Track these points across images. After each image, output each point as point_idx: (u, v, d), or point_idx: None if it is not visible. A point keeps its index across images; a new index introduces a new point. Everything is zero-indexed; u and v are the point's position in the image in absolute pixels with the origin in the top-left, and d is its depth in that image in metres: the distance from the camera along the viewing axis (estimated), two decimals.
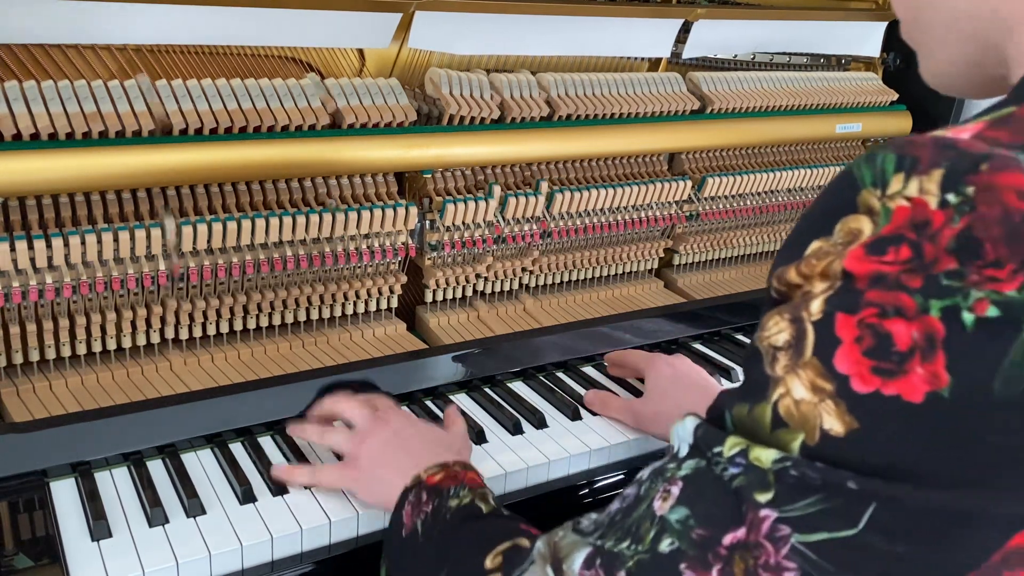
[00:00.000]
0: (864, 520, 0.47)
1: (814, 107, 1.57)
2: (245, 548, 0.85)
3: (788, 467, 0.49)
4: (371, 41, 1.17)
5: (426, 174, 1.22)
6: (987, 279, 0.44)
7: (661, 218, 1.42)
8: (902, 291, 0.46)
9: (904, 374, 0.46)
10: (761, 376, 0.52)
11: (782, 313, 0.51)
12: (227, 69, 1.13)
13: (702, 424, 0.56)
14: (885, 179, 0.47)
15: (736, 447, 0.52)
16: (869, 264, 0.47)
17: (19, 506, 0.87)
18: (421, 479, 0.82)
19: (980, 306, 0.44)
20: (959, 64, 0.60)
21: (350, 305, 1.21)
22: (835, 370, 0.48)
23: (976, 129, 0.49)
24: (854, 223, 0.48)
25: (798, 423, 0.49)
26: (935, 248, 0.45)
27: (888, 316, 0.46)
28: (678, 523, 0.53)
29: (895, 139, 0.49)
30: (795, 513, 0.49)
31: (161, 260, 1.02)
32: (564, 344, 1.26)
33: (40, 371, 1.03)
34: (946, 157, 0.46)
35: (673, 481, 0.55)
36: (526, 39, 1.28)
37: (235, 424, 1.01)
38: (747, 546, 0.50)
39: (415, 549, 0.76)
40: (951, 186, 0.45)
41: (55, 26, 0.96)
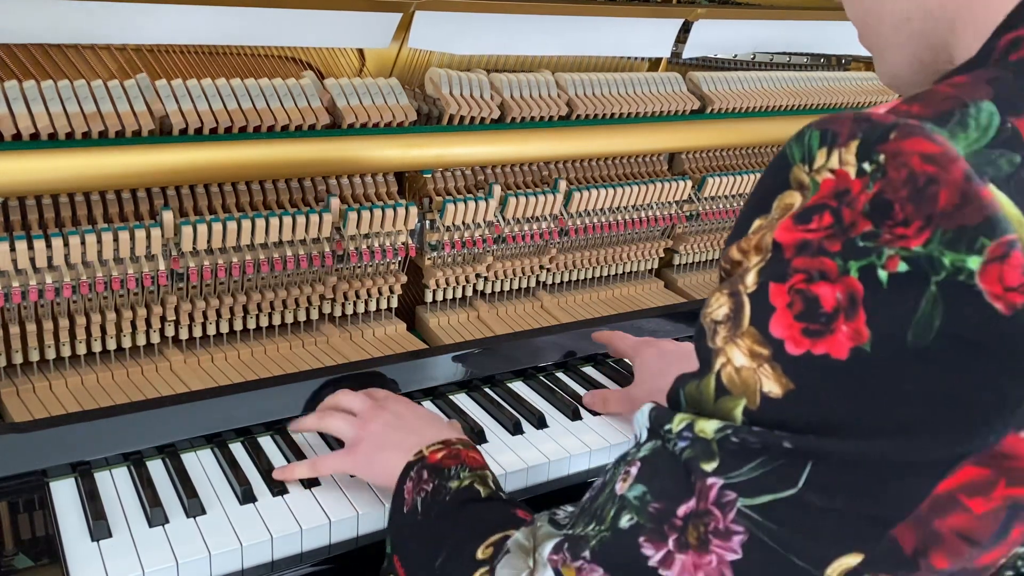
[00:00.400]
0: (803, 479, 0.50)
1: (814, 107, 1.57)
2: (245, 548, 0.85)
3: (729, 435, 0.52)
4: (371, 41, 1.17)
5: (426, 174, 1.22)
6: (897, 237, 0.47)
7: (661, 218, 1.42)
8: (825, 255, 0.49)
9: (831, 333, 0.48)
10: (705, 351, 0.55)
11: (722, 289, 0.54)
12: (227, 69, 1.13)
13: (655, 407, 0.59)
14: (812, 154, 0.51)
15: (683, 422, 0.55)
16: (795, 233, 0.50)
17: (19, 506, 0.87)
18: (423, 455, 0.83)
19: (892, 263, 0.47)
20: (912, 64, 0.63)
21: (350, 305, 1.21)
22: (771, 335, 0.50)
23: (892, 105, 0.52)
24: (788, 199, 0.52)
25: (740, 389, 0.52)
26: (852, 212, 0.48)
27: (814, 280, 0.49)
28: (636, 499, 0.56)
29: (820, 118, 0.52)
30: (739, 478, 0.51)
31: (161, 260, 1.02)
32: (564, 344, 1.26)
33: (40, 371, 1.03)
34: (861, 129, 0.49)
35: (632, 463, 0.58)
36: (526, 39, 1.28)
37: (235, 424, 1.01)
38: (698, 514, 0.53)
39: (414, 527, 0.77)
40: (865, 155, 0.48)
41: (55, 26, 0.96)
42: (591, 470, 1.07)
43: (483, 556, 0.66)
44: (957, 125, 0.48)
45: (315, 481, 0.94)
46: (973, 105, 0.49)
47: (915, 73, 0.63)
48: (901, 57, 0.63)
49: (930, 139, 0.47)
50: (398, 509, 0.81)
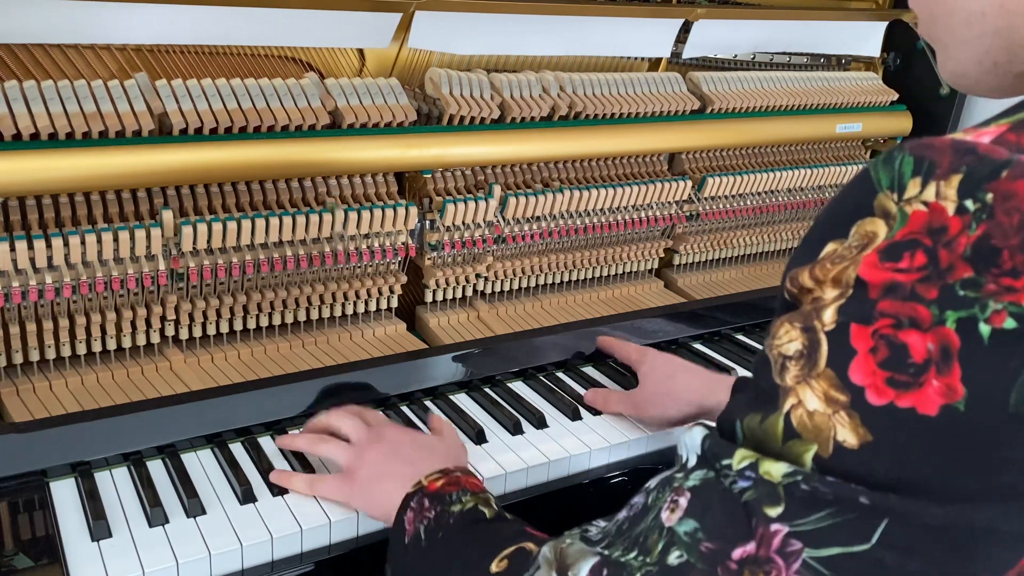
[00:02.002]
0: (877, 535, 0.47)
1: (814, 107, 1.57)
2: (245, 548, 0.85)
3: (799, 481, 0.48)
4: (371, 41, 1.17)
5: (426, 174, 1.22)
6: (1004, 289, 0.43)
7: (661, 218, 1.42)
8: (917, 301, 0.45)
9: (919, 386, 0.45)
10: (771, 386, 0.51)
11: (793, 321, 0.51)
12: (227, 69, 1.13)
13: (710, 435, 0.56)
14: (903, 182, 0.47)
15: (745, 460, 0.51)
16: (883, 272, 0.46)
17: (19, 506, 0.87)
18: (423, 485, 0.81)
19: (997, 318, 0.43)
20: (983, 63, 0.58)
21: (350, 305, 1.21)
22: (850, 381, 0.47)
23: (997, 133, 0.48)
24: (870, 226, 0.48)
25: (811, 434, 0.49)
26: (951, 255, 0.44)
27: (903, 327, 0.45)
28: (687, 536, 0.52)
29: (914, 141, 0.48)
30: (807, 527, 0.48)
31: (161, 260, 1.02)
32: (564, 344, 1.26)
33: (40, 371, 1.03)
34: (965, 162, 0.45)
35: (681, 492, 0.54)
36: (526, 39, 1.28)
37: (235, 424, 1.01)
38: (757, 560, 0.49)
39: (418, 554, 0.75)
40: (969, 192, 0.44)
41: (55, 26, 0.96)
42: (591, 470, 1.07)
43: (498, 569, 0.64)
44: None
45: None
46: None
47: (986, 73, 0.58)
48: (971, 55, 0.58)
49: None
50: (398, 541, 0.79)
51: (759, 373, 0.53)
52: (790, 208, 1.59)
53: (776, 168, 1.54)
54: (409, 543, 0.77)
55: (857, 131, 1.61)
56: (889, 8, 1.71)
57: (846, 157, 1.68)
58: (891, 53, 1.75)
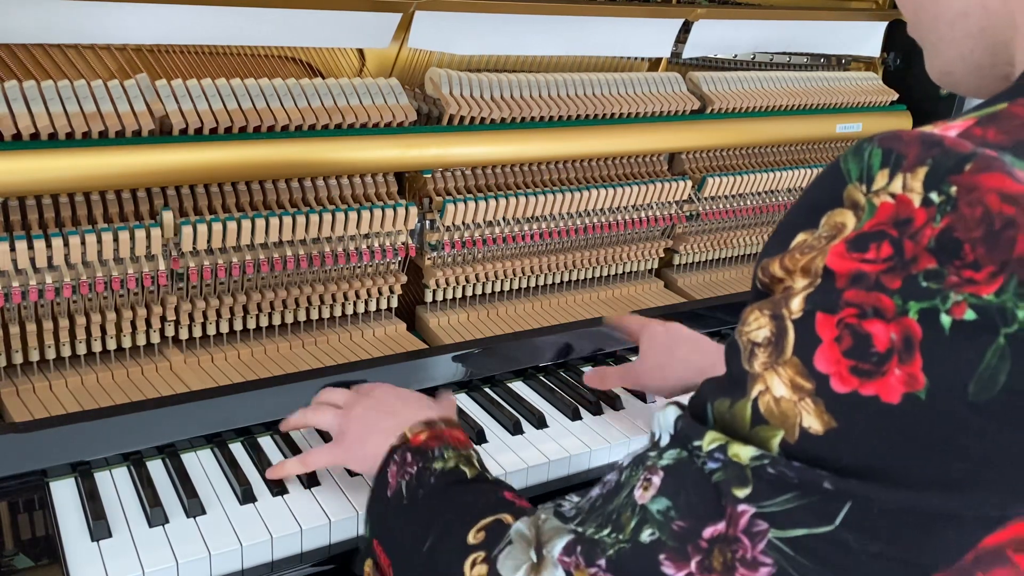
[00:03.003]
0: (840, 517, 0.48)
1: (814, 107, 1.57)
2: (245, 548, 0.85)
3: (766, 464, 0.50)
4: (371, 41, 1.17)
5: (426, 174, 1.22)
6: (965, 281, 0.44)
7: (661, 218, 1.42)
8: (881, 292, 0.46)
9: (882, 375, 0.46)
10: (740, 371, 0.52)
11: (762, 309, 0.52)
12: (227, 69, 1.13)
13: (682, 416, 0.57)
14: (871, 174, 0.48)
15: (715, 442, 0.52)
16: (850, 262, 0.47)
17: (19, 506, 0.87)
18: (406, 438, 0.81)
19: (958, 309, 0.44)
20: (967, 62, 0.59)
21: (350, 305, 1.21)
22: (815, 369, 0.48)
23: (963, 126, 0.49)
24: (839, 217, 0.49)
25: (778, 420, 0.50)
26: (915, 246, 0.45)
27: (867, 317, 0.46)
28: (659, 514, 0.53)
29: (882, 133, 0.49)
30: (772, 509, 0.49)
31: (161, 260, 1.02)
32: (564, 344, 1.26)
33: (40, 371, 1.03)
34: (931, 155, 0.46)
35: (654, 471, 0.55)
36: (526, 39, 1.28)
37: (235, 424, 1.01)
38: (726, 539, 0.50)
39: (399, 511, 0.75)
40: (934, 184, 0.45)
41: (55, 26, 0.96)
42: (591, 470, 1.07)
43: (475, 541, 0.64)
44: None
45: (315, 481, 0.94)
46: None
47: (970, 73, 0.59)
48: (955, 54, 0.59)
49: (1011, 175, 0.44)
50: (381, 492, 0.78)
51: (729, 358, 0.54)
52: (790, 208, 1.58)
53: (776, 168, 1.54)
54: (391, 497, 0.77)
55: (857, 131, 1.61)
56: (889, 8, 1.71)
57: None
58: (891, 53, 1.75)
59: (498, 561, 0.61)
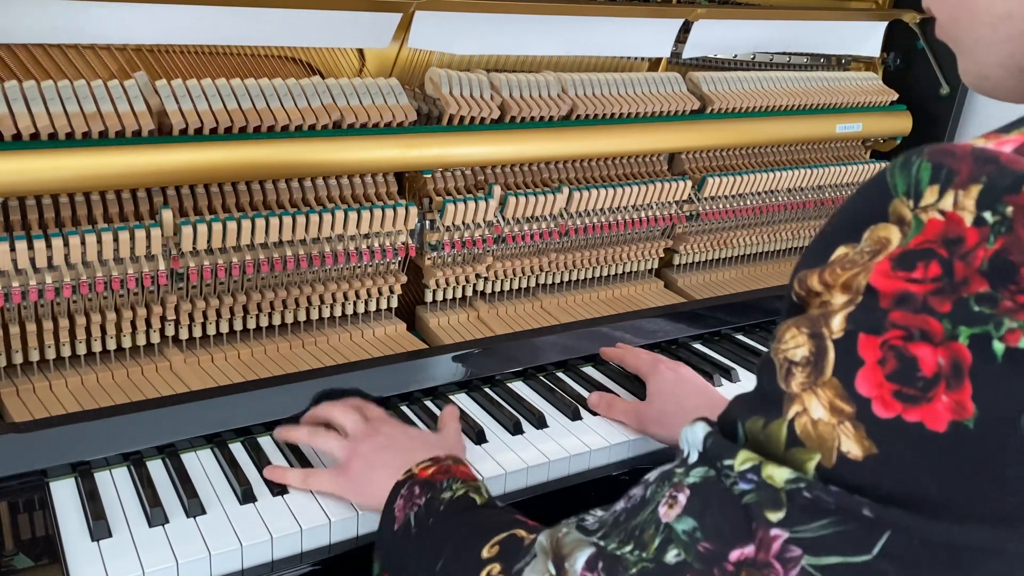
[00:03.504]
0: (878, 547, 0.46)
1: (814, 107, 1.57)
2: (245, 548, 0.85)
3: (802, 488, 0.48)
4: (371, 41, 1.17)
5: (426, 174, 1.22)
6: (1021, 307, 0.42)
7: (661, 218, 1.42)
8: (930, 314, 0.44)
9: (928, 401, 0.44)
10: (775, 390, 0.50)
11: (800, 326, 0.50)
12: (227, 69, 1.13)
13: (712, 433, 0.55)
14: (919, 189, 0.46)
15: (748, 462, 0.50)
16: (895, 281, 0.45)
17: (19, 506, 0.87)
18: (413, 473, 0.81)
19: (1012, 336, 0.42)
20: (1007, 67, 0.57)
21: (350, 305, 1.21)
22: (856, 392, 0.46)
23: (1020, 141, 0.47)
24: (883, 232, 0.47)
25: (815, 443, 0.48)
26: (966, 268, 0.43)
27: (914, 339, 0.44)
28: (685, 534, 0.51)
29: (933, 146, 0.47)
30: (807, 535, 0.47)
31: (161, 260, 1.02)
32: (564, 344, 1.26)
33: (40, 371, 1.03)
34: (986, 172, 0.44)
35: (680, 488, 0.54)
36: (526, 39, 1.28)
37: (235, 424, 1.01)
38: (755, 564, 0.49)
39: (408, 541, 0.75)
40: (989, 204, 0.43)
41: (55, 26, 0.96)
42: (591, 470, 1.07)
43: (489, 555, 0.63)
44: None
45: None
46: None
47: (1010, 77, 0.57)
48: (995, 58, 0.57)
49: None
50: (388, 528, 0.79)
51: (763, 376, 0.52)
52: (790, 208, 1.59)
53: (776, 168, 1.54)
54: (399, 530, 0.77)
55: (857, 131, 1.61)
56: (889, 8, 1.71)
57: (846, 157, 1.68)
58: (891, 53, 1.75)
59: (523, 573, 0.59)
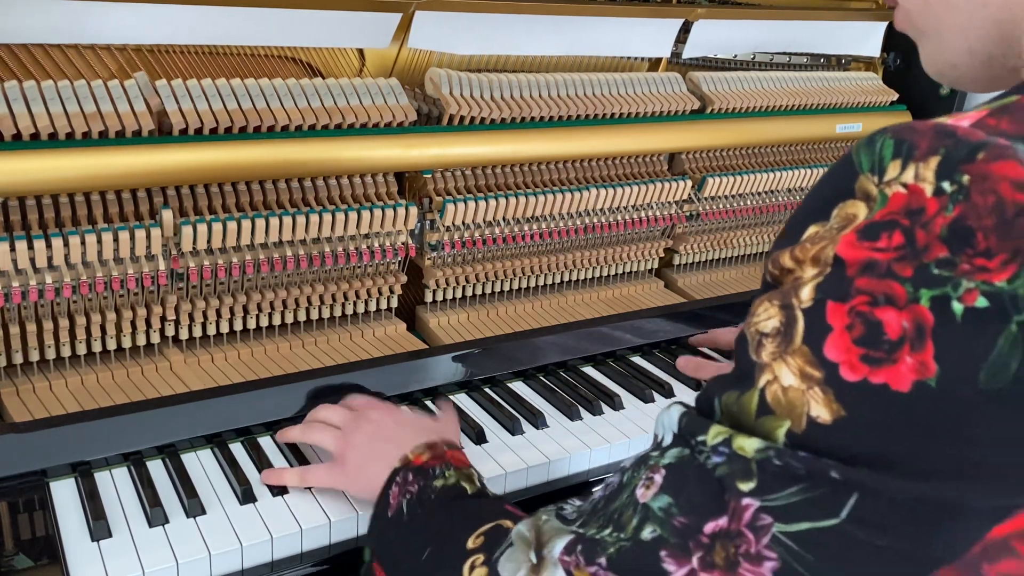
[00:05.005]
0: (846, 510, 0.47)
1: (814, 107, 1.57)
2: (245, 548, 0.85)
3: (771, 456, 0.49)
4: (371, 41, 1.17)
5: (426, 174, 1.22)
6: (977, 269, 0.44)
7: (661, 218, 1.42)
8: (893, 279, 0.46)
9: (893, 363, 0.46)
10: (748, 363, 0.52)
11: (771, 299, 0.51)
12: (227, 69, 1.13)
13: (687, 413, 0.56)
14: (883, 165, 0.48)
15: (719, 436, 0.52)
16: (861, 251, 0.47)
17: (19, 506, 0.87)
18: (408, 459, 0.81)
19: (969, 296, 0.44)
20: (976, 54, 0.58)
21: (350, 305, 1.21)
22: (824, 357, 0.48)
23: (977, 117, 0.48)
24: (851, 208, 0.49)
25: (785, 410, 0.49)
26: (927, 235, 0.45)
27: (879, 304, 0.46)
28: (660, 511, 0.53)
29: (896, 124, 0.49)
30: (777, 502, 0.49)
31: (161, 260, 1.02)
32: (564, 344, 1.26)
33: (40, 371, 1.03)
34: (943, 144, 0.46)
35: (656, 469, 0.55)
36: (526, 39, 1.28)
37: (235, 424, 1.01)
38: (728, 534, 0.50)
39: (400, 529, 0.75)
40: (947, 174, 0.45)
41: (55, 26, 0.96)
42: (591, 470, 1.07)
43: (474, 545, 0.64)
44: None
45: None
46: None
47: (979, 65, 0.58)
48: (965, 44, 0.58)
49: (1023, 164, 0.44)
50: (382, 515, 0.79)
51: (737, 351, 0.54)
52: (790, 208, 1.59)
53: (776, 168, 1.54)
54: (392, 517, 0.77)
55: (857, 131, 1.61)
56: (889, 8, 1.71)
57: None
58: (891, 53, 1.75)
59: (499, 563, 0.60)
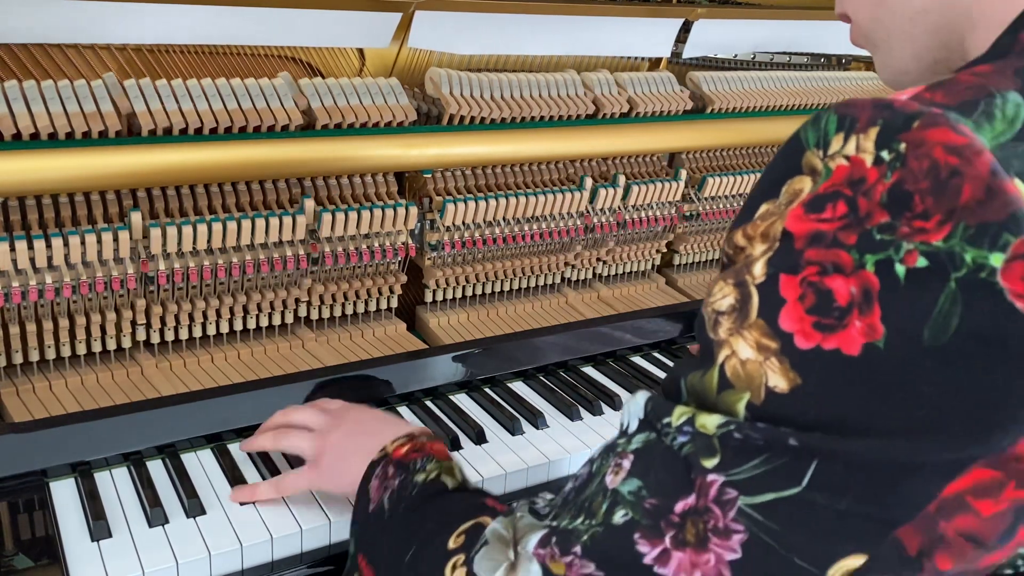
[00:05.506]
0: (807, 478, 0.48)
1: (814, 107, 1.57)
2: (245, 548, 0.85)
3: (732, 430, 0.50)
4: (371, 41, 1.17)
5: (426, 174, 1.22)
6: (916, 230, 0.46)
7: (661, 218, 1.42)
8: (839, 248, 0.47)
9: (843, 328, 0.47)
10: (707, 342, 0.53)
11: (726, 279, 0.53)
12: (227, 69, 1.13)
13: (652, 397, 0.57)
14: (827, 139, 0.50)
15: (683, 416, 0.53)
16: (807, 223, 0.49)
17: (19, 506, 0.87)
18: (388, 452, 0.80)
19: (910, 257, 0.46)
20: (923, 60, 0.61)
21: (350, 305, 1.21)
22: (779, 328, 0.49)
23: (914, 91, 0.50)
24: (798, 184, 0.51)
25: (744, 383, 0.50)
26: (869, 203, 0.47)
27: (828, 273, 0.48)
28: (630, 494, 0.54)
29: (840, 101, 0.51)
30: (741, 476, 0.50)
31: (161, 260, 1.02)
32: (564, 344, 1.26)
33: (40, 371, 1.03)
34: (882, 116, 0.48)
35: (624, 455, 0.56)
36: (526, 39, 1.28)
37: (235, 424, 1.01)
38: (697, 511, 0.51)
39: (382, 525, 0.74)
40: (885, 143, 0.47)
41: (55, 26, 0.96)
42: None
43: (455, 545, 0.64)
44: (983, 116, 0.47)
45: None
46: (999, 95, 0.48)
47: (925, 70, 0.61)
48: (912, 51, 0.61)
49: (955, 129, 0.46)
50: (363, 508, 0.77)
51: (699, 332, 0.55)
52: None
53: None
54: (373, 512, 0.76)
55: None
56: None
57: None
58: None
59: (474, 562, 0.60)
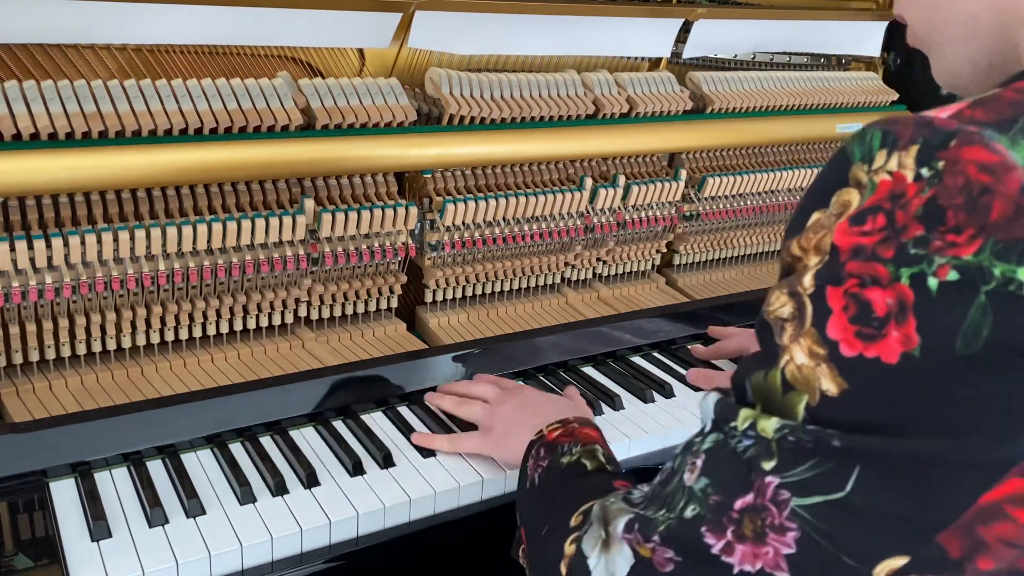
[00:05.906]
0: (851, 482, 0.53)
1: (814, 107, 1.57)
2: (245, 548, 0.85)
3: (787, 434, 0.54)
4: (371, 41, 1.17)
5: (426, 174, 1.22)
6: (948, 244, 0.49)
7: (661, 218, 1.42)
8: (877, 262, 0.51)
9: (883, 337, 0.51)
10: (772, 346, 0.57)
11: (782, 288, 0.57)
12: (227, 69, 1.13)
13: (721, 400, 0.61)
14: (872, 155, 0.53)
15: (747, 420, 0.57)
16: (851, 237, 0.52)
17: (19, 506, 0.87)
18: (543, 434, 0.89)
19: (942, 271, 0.49)
20: (977, 63, 0.63)
21: (350, 305, 1.21)
22: (827, 337, 0.53)
23: (957, 108, 0.53)
24: (846, 195, 0.54)
25: (803, 385, 0.54)
26: (906, 216, 0.50)
27: (867, 285, 0.51)
28: (700, 491, 0.59)
29: (884, 118, 0.54)
30: (794, 478, 0.54)
31: (161, 260, 1.02)
32: (564, 344, 1.26)
33: (40, 371, 1.03)
34: (922, 134, 0.51)
35: (697, 455, 0.61)
36: (526, 39, 1.28)
37: (235, 424, 1.01)
38: (755, 508, 0.56)
39: (532, 501, 0.83)
40: (925, 160, 0.50)
41: (55, 26, 0.96)
42: None
43: (574, 523, 0.70)
44: (1020, 132, 0.50)
45: (315, 481, 0.95)
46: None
47: (979, 73, 0.63)
48: (966, 54, 0.63)
49: (988, 148, 0.49)
50: (522, 485, 0.86)
51: (762, 336, 0.59)
52: (790, 208, 1.59)
53: (776, 168, 1.54)
54: (529, 488, 0.85)
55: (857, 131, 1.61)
56: (889, 8, 1.71)
57: None
58: (891, 53, 1.75)
59: (582, 540, 0.67)
